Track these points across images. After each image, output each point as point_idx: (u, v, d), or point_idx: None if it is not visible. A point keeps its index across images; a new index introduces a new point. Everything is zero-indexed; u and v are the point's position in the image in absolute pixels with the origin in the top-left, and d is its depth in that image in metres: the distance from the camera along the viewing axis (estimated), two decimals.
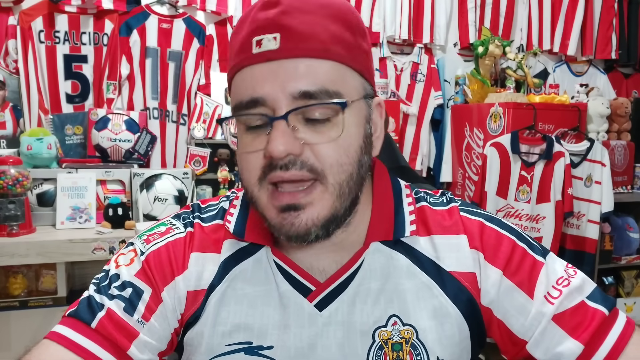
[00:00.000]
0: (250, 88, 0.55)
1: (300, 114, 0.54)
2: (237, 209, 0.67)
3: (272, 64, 0.54)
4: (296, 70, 0.54)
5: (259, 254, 0.64)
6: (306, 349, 0.59)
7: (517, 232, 0.65)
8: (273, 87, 0.54)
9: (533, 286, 0.61)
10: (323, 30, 0.55)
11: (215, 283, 0.62)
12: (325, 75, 0.54)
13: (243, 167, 0.58)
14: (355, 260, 0.62)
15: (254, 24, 0.55)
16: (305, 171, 0.54)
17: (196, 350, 0.62)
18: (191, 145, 2.58)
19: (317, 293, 0.61)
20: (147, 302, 0.60)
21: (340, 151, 0.55)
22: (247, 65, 0.55)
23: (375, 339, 0.59)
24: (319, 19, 0.55)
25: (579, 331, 0.58)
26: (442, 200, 0.68)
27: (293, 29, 0.54)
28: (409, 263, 0.63)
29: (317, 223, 0.56)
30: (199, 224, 0.66)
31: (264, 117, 0.54)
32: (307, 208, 0.55)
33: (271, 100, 0.54)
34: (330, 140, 0.55)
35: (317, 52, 0.54)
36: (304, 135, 0.54)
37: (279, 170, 0.54)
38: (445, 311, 0.61)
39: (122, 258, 0.63)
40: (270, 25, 0.54)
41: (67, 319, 0.59)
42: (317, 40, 0.54)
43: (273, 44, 0.54)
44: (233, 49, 0.59)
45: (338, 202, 0.56)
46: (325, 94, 0.54)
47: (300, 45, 0.54)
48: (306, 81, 0.54)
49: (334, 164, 0.55)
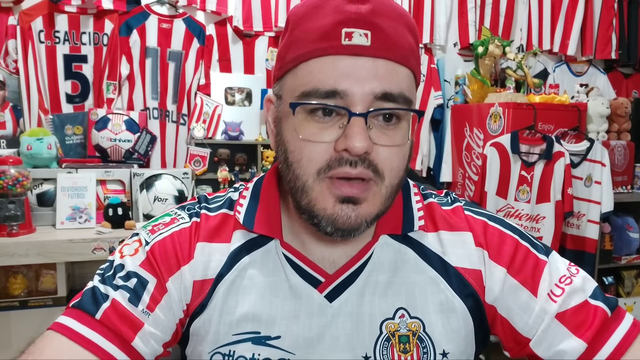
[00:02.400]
0: (332, 78, 0.54)
1: (376, 114, 0.55)
2: (246, 200, 0.67)
3: (360, 59, 0.54)
4: (381, 71, 0.54)
5: (269, 245, 0.64)
6: (314, 339, 0.60)
7: (520, 232, 0.66)
8: (357, 82, 0.54)
9: (537, 284, 0.61)
10: (404, 38, 0.57)
11: (224, 272, 0.62)
12: (405, 81, 0.56)
13: (302, 155, 0.56)
14: (365, 252, 0.63)
15: (342, 15, 0.55)
16: (370, 170, 0.55)
17: (203, 340, 0.62)
18: (191, 145, 2.58)
19: (327, 284, 0.62)
20: (152, 293, 0.60)
21: (400, 156, 0.57)
22: (332, 54, 0.55)
23: (382, 331, 0.60)
24: (401, 27, 0.57)
25: (582, 329, 0.59)
26: (447, 200, 0.70)
27: (384, 30, 0.55)
28: (417, 257, 0.64)
29: (367, 220, 0.57)
30: (206, 214, 0.66)
31: (344, 110, 0.54)
32: (363, 204, 0.56)
33: (352, 95, 0.54)
34: (395, 145, 0.56)
35: (401, 57, 0.56)
36: (375, 136, 0.55)
37: (347, 166, 0.54)
38: (452, 305, 0.62)
39: (127, 248, 0.63)
40: (362, 20, 0.54)
41: (72, 310, 0.59)
42: (401, 46, 0.56)
43: (365, 40, 0.54)
44: (309, 34, 0.56)
45: (385, 204, 0.58)
46: (403, 99, 0.55)
47: (389, 47, 0.55)
48: (389, 83, 0.54)
49: (394, 167, 0.57)
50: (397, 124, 0.57)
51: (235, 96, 2.65)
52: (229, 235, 0.65)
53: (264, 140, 2.61)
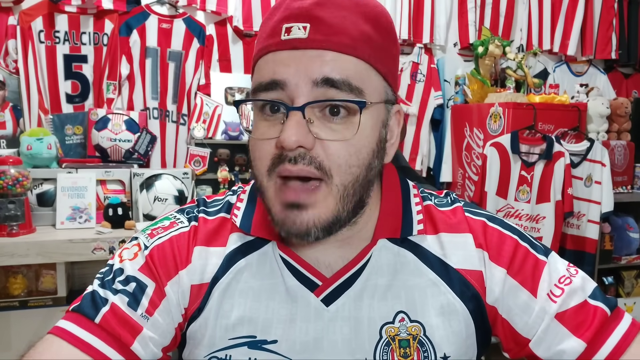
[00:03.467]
0: (271, 70, 0.55)
1: (318, 107, 0.54)
2: (244, 203, 0.66)
3: (298, 52, 0.54)
4: (321, 59, 0.53)
5: (265, 248, 0.64)
6: (312, 344, 0.59)
7: (519, 232, 0.66)
8: (295, 71, 0.53)
9: (536, 285, 0.61)
10: (353, 26, 0.55)
11: (219, 275, 0.62)
12: (350, 69, 0.54)
13: (254, 155, 0.57)
14: (363, 256, 0.63)
15: (287, 12, 0.56)
16: (312, 167, 0.54)
17: (199, 344, 0.62)
18: (191, 145, 2.58)
19: (324, 288, 0.61)
20: (151, 297, 0.60)
21: (351, 151, 0.55)
22: (273, 50, 0.55)
23: (382, 335, 0.60)
24: (351, 16, 0.55)
25: (581, 329, 0.59)
26: (446, 201, 0.69)
27: (324, 21, 0.54)
28: (416, 260, 0.63)
29: (317, 225, 0.55)
30: (204, 218, 0.66)
31: (282, 104, 0.54)
32: (309, 208, 0.55)
33: (291, 85, 0.53)
34: (343, 139, 0.54)
35: (344, 47, 0.54)
36: (318, 130, 0.54)
37: (287, 163, 0.54)
38: (453, 308, 0.61)
39: (126, 252, 0.63)
40: (302, 14, 0.55)
41: (71, 314, 0.59)
42: (345, 35, 0.54)
43: (302, 32, 0.54)
44: (262, 34, 0.59)
45: (341, 205, 0.56)
46: (348, 86, 0.54)
47: (329, 38, 0.54)
48: (331, 68, 0.53)
49: (342, 164, 0.54)
50: (345, 117, 0.54)
51: (235, 96, 2.65)
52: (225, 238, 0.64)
53: None
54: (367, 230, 0.63)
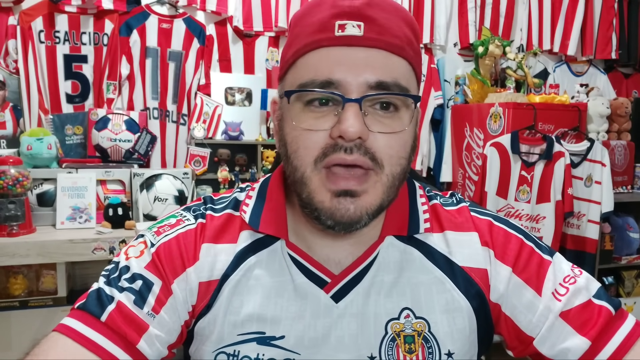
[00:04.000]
0: (326, 69, 0.55)
1: (371, 102, 0.55)
2: (253, 200, 0.67)
3: (353, 49, 0.55)
4: (375, 60, 0.55)
5: (275, 245, 0.64)
6: (320, 340, 0.60)
7: (525, 232, 0.67)
8: (350, 72, 0.54)
9: (541, 283, 0.62)
10: (399, 29, 0.57)
11: (229, 272, 0.63)
12: (399, 70, 0.56)
13: (300, 145, 0.57)
14: (370, 252, 0.63)
15: (337, 9, 0.56)
16: (367, 158, 0.55)
17: (207, 339, 0.62)
18: (191, 145, 2.58)
19: (333, 285, 0.62)
20: (157, 295, 0.60)
21: (400, 144, 0.57)
22: (326, 45, 0.56)
23: (387, 331, 0.60)
24: (396, 19, 0.57)
25: (586, 328, 0.59)
26: (452, 201, 0.70)
27: (376, 21, 0.56)
28: (422, 258, 0.64)
29: (369, 212, 0.56)
30: (211, 215, 0.66)
31: (338, 96, 0.55)
32: (362, 196, 0.56)
33: (346, 84, 0.54)
34: (393, 132, 0.56)
35: (395, 47, 0.56)
36: (370, 123, 0.55)
37: (342, 152, 0.54)
38: (458, 305, 0.62)
39: (132, 250, 0.63)
40: (355, 13, 0.56)
41: (77, 312, 0.59)
42: (395, 36, 0.56)
43: (357, 30, 0.55)
44: (306, 28, 0.58)
45: (387, 194, 0.57)
46: (398, 87, 0.56)
47: (382, 37, 0.56)
48: (383, 72, 0.55)
49: (393, 155, 0.56)
50: (394, 113, 0.57)
51: (235, 96, 2.65)
52: (234, 235, 0.65)
53: (264, 140, 2.61)
54: (375, 228, 0.64)
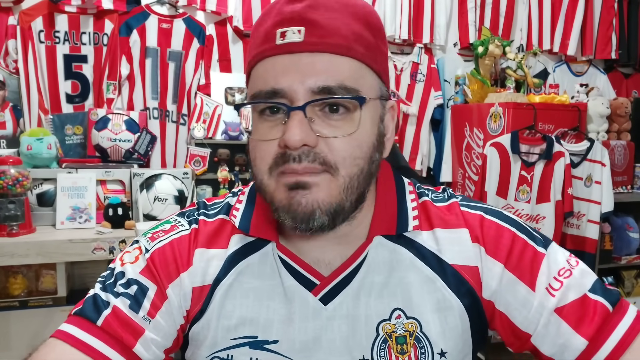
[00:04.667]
0: (271, 79, 0.55)
1: (318, 106, 0.55)
2: (242, 204, 0.67)
3: (294, 56, 0.55)
4: (317, 65, 0.54)
5: (265, 249, 0.64)
6: (311, 343, 0.60)
7: (517, 223, 0.65)
8: (294, 79, 0.54)
9: (535, 278, 0.61)
10: (346, 27, 0.56)
11: (221, 277, 0.63)
12: (345, 71, 0.55)
13: (256, 155, 0.58)
14: (359, 254, 0.63)
15: (280, 16, 0.56)
16: (317, 164, 0.55)
17: (201, 344, 0.62)
18: (191, 145, 2.58)
19: (322, 287, 0.62)
20: (152, 299, 0.60)
21: (354, 145, 0.56)
22: (269, 55, 0.56)
23: (379, 333, 0.60)
24: (343, 17, 0.56)
25: (582, 326, 0.58)
26: (443, 197, 0.69)
27: (318, 24, 0.55)
28: (412, 257, 0.63)
29: (322, 207, 0.56)
30: (204, 220, 0.67)
31: (283, 106, 0.55)
32: (313, 188, 0.55)
33: (291, 92, 0.54)
34: (345, 135, 0.55)
35: (339, 48, 0.55)
36: (320, 128, 0.55)
37: (292, 162, 0.54)
38: (449, 304, 0.61)
39: (127, 256, 0.64)
40: (296, 18, 0.55)
41: (73, 318, 0.59)
42: (340, 36, 0.55)
43: (297, 36, 0.55)
44: (256, 39, 0.59)
45: (345, 194, 0.57)
46: (344, 90, 0.55)
47: (324, 40, 0.55)
48: (326, 76, 0.54)
49: (347, 157, 0.56)
50: (345, 114, 0.56)
51: (235, 96, 2.65)
52: (226, 240, 0.65)
53: None
54: (363, 228, 0.64)
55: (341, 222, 0.58)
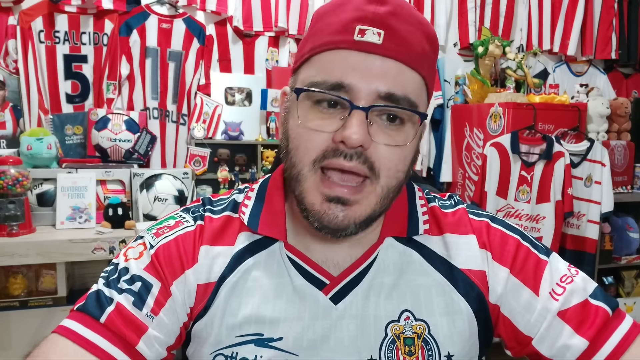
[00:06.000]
0: (339, 71, 0.55)
1: (378, 112, 0.55)
2: (251, 201, 0.67)
3: (369, 56, 0.55)
4: (389, 70, 0.55)
5: (273, 247, 0.64)
6: (318, 341, 0.60)
7: (521, 232, 0.67)
8: (363, 79, 0.54)
9: (538, 283, 0.62)
10: (418, 43, 0.57)
11: (226, 274, 0.62)
12: (411, 85, 0.56)
13: (301, 143, 0.57)
14: (370, 254, 0.64)
15: (360, 13, 0.56)
16: (366, 167, 0.55)
17: (205, 342, 0.62)
18: (191, 145, 2.58)
19: (332, 286, 0.62)
20: (156, 297, 0.60)
21: (400, 157, 0.57)
22: (343, 48, 0.56)
23: (387, 333, 0.60)
24: (417, 32, 0.57)
25: (584, 327, 0.59)
26: (450, 203, 0.70)
27: (397, 32, 0.55)
28: (422, 260, 0.64)
29: (357, 222, 0.57)
30: (210, 217, 0.66)
31: (347, 101, 0.55)
32: (354, 205, 0.56)
33: (357, 90, 0.54)
34: (396, 144, 0.56)
35: (412, 61, 0.56)
36: (375, 132, 0.55)
37: (342, 158, 0.55)
38: (457, 307, 0.62)
39: (132, 251, 0.63)
40: (377, 20, 0.55)
41: (76, 314, 0.59)
42: (413, 50, 0.56)
43: (376, 38, 0.55)
44: (327, 27, 0.58)
45: (380, 204, 0.58)
46: (407, 102, 0.56)
47: (400, 49, 0.55)
48: (395, 83, 0.55)
49: (392, 167, 0.56)
50: (400, 126, 0.57)
51: (235, 96, 2.65)
52: (232, 237, 0.65)
53: (264, 140, 2.61)
54: (374, 230, 0.64)
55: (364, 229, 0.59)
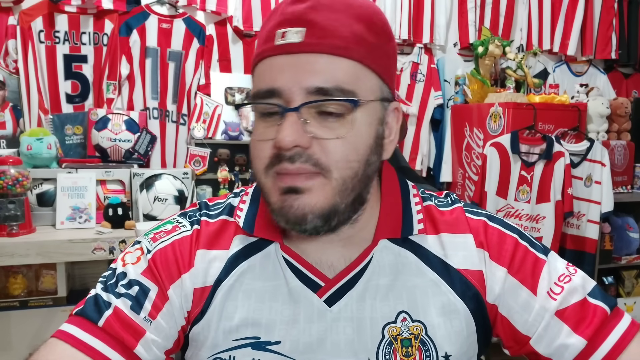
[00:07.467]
0: (269, 78, 0.56)
1: (313, 108, 0.55)
2: (246, 204, 0.67)
3: (293, 57, 0.55)
4: (314, 66, 0.55)
5: (268, 249, 0.64)
6: (315, 345, 0.60)
7: (519, 231, 0.66)
8: (290, 79, 0.55)
9: (536, 283, 0.62)
10: (346, 29, 0.56)
11: (222, 278, 0.63)
12: (342, 73, 0.55)
13: (253, 154, 0.59)
14: (365, 256, 0.63)
15: (282, 17, 0.57)
16: (310, 165, 0.55)
17: (202, 346, 0.62)
18: (191, 145, 2.58)
19: (327, 289, 0.62)
20: (154, 300, 0.60)
21: (349, 148, 0.56)
22: (268, 55, 0.57)
23: (384, 335, 0.60)
24: (344, 18, 0.56)
25: (582, 327, 0.59)
26: (447, 202, 0.69)
27: (318, 25, 0.55)
28: (417, 261, 0.64)
29: (314, 211, 0.56)
30: (206, 221, 0.67)
31: (278, 106, 0.55)
32: (306, 193, 0.56)
33: (287, 92, 0.55)
34: (339, 137, 0.56)
35: (338, 49, 0.55)
36: (314, 129, 0.55)
37: (285, 162, 0.55)
38: (454, 308, 0.62)
39: (129, 256, 0.64)
40: (297, 19, 0.56)
41: (74, 318, 0.59)
42: (339, 37, 0.55)
43: (296, 37, 0.55)
44: (259, 39, 0.60)
45: (339, 197, 0.57)
46: (340, 92, 0.55)
47: (322, 41, 0.55)
48: (323, 77, 0.55)
49: (340, 159, 0.56)
50: (340, 117, 0.56)
51: (235, 96, 2.65)
52: (228, 241, 0.65)
53: None
54: (368, 231, 0.64)
55: (338, 224, 0.58)
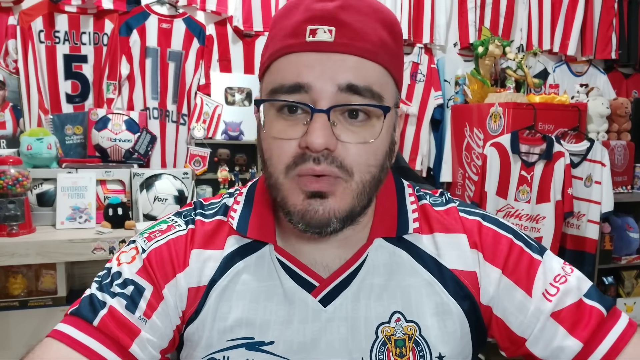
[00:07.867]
0: (295, 73, 0.55)
1: (340, 110, 0.55)
2: (240, 205, 0.67)
3: (323, 55, 0.54)
4: (346, 63, 0.54)
5: (262, 250, 0.64)
6: (309, 345, 0.60)
7: (514, 231, 0.66)
8: (321, 76, 0.54)
9: (531, 284, 0.61)
10: (374, 33, 0.56)
11: (216, 278, 0.62)
12: (372, 76, 0.56)
13: (272, 153, 0.57)
14: (359, 256, 0.63)
15: (309, 12, 0.56)
16: (334, 167, 0.55)
17: (197, 345, 0.62)
18: (191, 145, 2.58)
19: (321, 289, 0.61)
20: (149, 300, 0.60)
21: (370, 152, 0.56)
22: (296, 51, 0.55)
23: (378, 335, 0.60)
24: (371, 21, 0.56)
25: (578, 329, 0.59)
26: (441, 201, 0.69)
27: (348, 26, 0.55)
28: (412, 260, 0.63)
29: (337, 215, 0.56)
30: (201, 221, 0.66)
31: (306, 106, 0.54)
32: (330, 198, 0.56)
33: (316, 88, 0.54)
34: (364, 142, 0.56)
35: (368, 52, 0.55)
36: (340, 132, 0.55)
37: (311, 162, 0.54)
38: (447, 308, 0.61)
39: (124, 256, 0.64)
40: (327, 17, 0.55)
41: (70, 317, 0.59)
42: (368, 41, 0.55)
43: (328, 36, 0.54)
44: (280, 32, 0.58)
45: (357, 200, 0.57)
46: (370, 93, 0.55)
47: (354, 42, 0.55)
48: (354, 75, 0.54)
49: (362, 163, 0.56)
50: (364, 122, 0.56)
51: (235, 96, 2.65)
52: (222, 241, 0.65)
53: None
54: (364, 230, 0.64)
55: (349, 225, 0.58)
